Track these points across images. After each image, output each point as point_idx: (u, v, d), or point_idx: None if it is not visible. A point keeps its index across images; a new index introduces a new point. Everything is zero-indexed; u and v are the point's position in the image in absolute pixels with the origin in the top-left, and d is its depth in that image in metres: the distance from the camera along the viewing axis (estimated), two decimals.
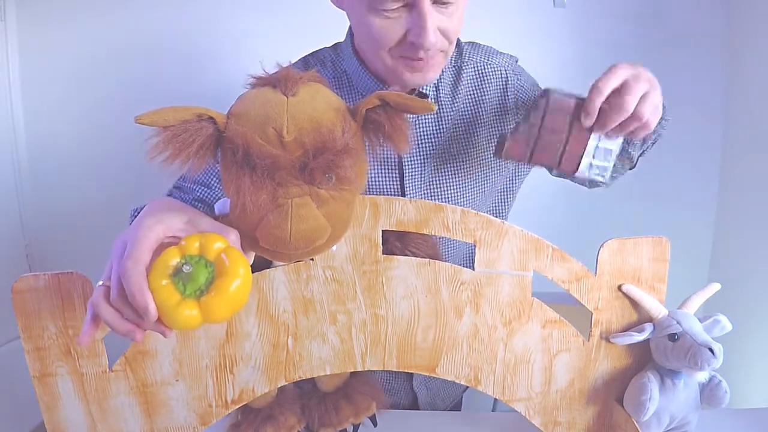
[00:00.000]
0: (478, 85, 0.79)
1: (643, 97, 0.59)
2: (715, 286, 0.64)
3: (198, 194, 0.75)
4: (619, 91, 0.58)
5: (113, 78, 1.37)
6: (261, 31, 1.34)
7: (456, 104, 0.78)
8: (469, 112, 0.79)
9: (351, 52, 0.76)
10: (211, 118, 0.48)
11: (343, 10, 0.71)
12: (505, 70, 0.80)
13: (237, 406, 0.64)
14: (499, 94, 0.79)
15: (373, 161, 0.74)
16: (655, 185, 1.41)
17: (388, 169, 0.76)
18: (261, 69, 0.53)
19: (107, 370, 0.61)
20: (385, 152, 0.51)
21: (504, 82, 0.80)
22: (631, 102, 0.58)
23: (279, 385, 0.64)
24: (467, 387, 0.99)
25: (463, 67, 0.80)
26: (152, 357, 0.61)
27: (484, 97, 0.79)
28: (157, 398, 0.62)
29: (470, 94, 0.79)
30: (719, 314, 0.62)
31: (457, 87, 0.79)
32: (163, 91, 1.33)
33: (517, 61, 0.83)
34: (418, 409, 0.90)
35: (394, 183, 0.76)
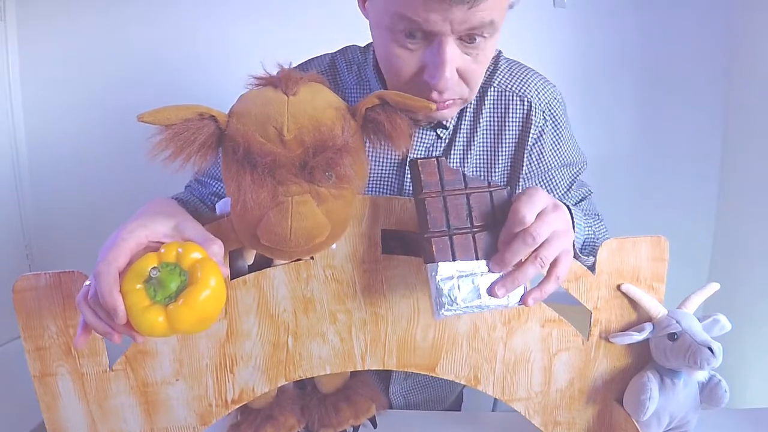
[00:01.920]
0: (501, 115, 0.72)
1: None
2: (715, 286, 0.64)
3: (214, 188, 0.75)
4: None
5: (113, 77, 1.37)
6: (261, 32, 1.34)
7: (477, 136, 0.72)
8: (489, 146, 0.73)
9: (372, 66, 0.72)
10: (213, 116, 0.48)
11: (367, 19, 0.66)
12: (536, 107, 0.71)
13: (237, 406, 0.64)
14: (519, 130, 0.72)
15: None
16: (655, 185, 1.41)
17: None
18: (262, 69, 0.53)
19: (108, 369, 0.61)
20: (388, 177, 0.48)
21: (525, 117, 0.71)
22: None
23: (279, 385, 0.64)
24: (456, 404, 0.99)
25: (488, 91, 0.72)
26: (152, 356, 0.61)
27: (504, 131, 0.72)
28: (157, 398, 0.62)
29: (491, 124, 0.72)
30: (719, 314, 0.62)
31: (480, 114, 0.72)
32: (164, 91, 1.33)
33: (560, 103, 0.75)
34: None
35: None
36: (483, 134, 0.73)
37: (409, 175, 0.74)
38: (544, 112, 0.73)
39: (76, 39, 1.36)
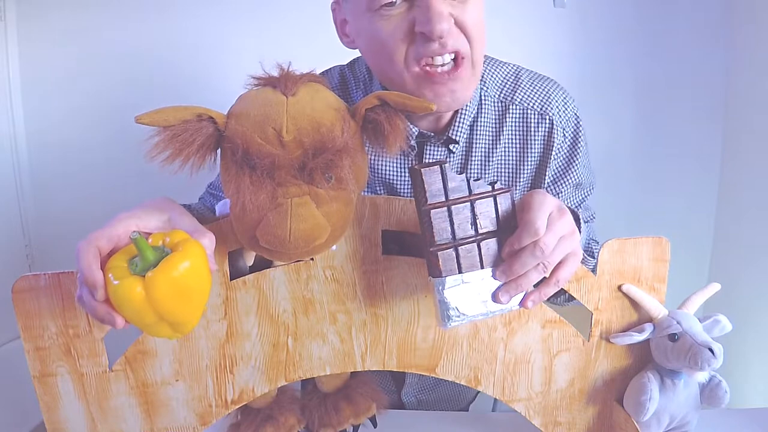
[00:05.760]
0: (524, 134, 0.71)
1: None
2: (715, 286, 0.64)
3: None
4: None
5: (113, 77, 1.37)
6: (261, 32, 1.34)
7: (497, 152, 0.71)
8: (511, 163, 0.72)
9: (380, 85, 0.70)
10: (211, 117, 0.48)
11: (355, 48, 0.66)
12: (557, 124, 0.71)
13: (237, 406, 0.64)
14: (542, 148, 0.72)
15: None
16: (656, 185, 1.41)
17: None
18: (261, 69, 0.53)
19: (107, 370, 0.61)
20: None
21: (547, 135, 0.71)
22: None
23: (279, 385, 0.64)
24: (470, 403, 0.99)
25: (510, 107, 0.71)
26: (152, 357, 0.61)
27: (527, 149, 0.71)
28: (157, 398, 0.62)
29: (513, 142, 0.71)
30: (719, 314, 0.62)
31: (501, 131, 0.71)
32: (163, 91, 1.33)
33: (580, 120, 0.74)
34: None
35: None
36: (504, 150, 0.72)
37: None
38: (564, 129, 0.73)
39: (76, 38, 1.36)
